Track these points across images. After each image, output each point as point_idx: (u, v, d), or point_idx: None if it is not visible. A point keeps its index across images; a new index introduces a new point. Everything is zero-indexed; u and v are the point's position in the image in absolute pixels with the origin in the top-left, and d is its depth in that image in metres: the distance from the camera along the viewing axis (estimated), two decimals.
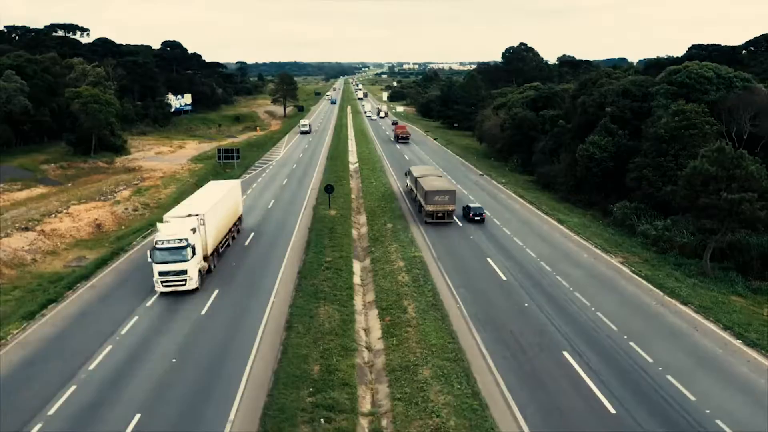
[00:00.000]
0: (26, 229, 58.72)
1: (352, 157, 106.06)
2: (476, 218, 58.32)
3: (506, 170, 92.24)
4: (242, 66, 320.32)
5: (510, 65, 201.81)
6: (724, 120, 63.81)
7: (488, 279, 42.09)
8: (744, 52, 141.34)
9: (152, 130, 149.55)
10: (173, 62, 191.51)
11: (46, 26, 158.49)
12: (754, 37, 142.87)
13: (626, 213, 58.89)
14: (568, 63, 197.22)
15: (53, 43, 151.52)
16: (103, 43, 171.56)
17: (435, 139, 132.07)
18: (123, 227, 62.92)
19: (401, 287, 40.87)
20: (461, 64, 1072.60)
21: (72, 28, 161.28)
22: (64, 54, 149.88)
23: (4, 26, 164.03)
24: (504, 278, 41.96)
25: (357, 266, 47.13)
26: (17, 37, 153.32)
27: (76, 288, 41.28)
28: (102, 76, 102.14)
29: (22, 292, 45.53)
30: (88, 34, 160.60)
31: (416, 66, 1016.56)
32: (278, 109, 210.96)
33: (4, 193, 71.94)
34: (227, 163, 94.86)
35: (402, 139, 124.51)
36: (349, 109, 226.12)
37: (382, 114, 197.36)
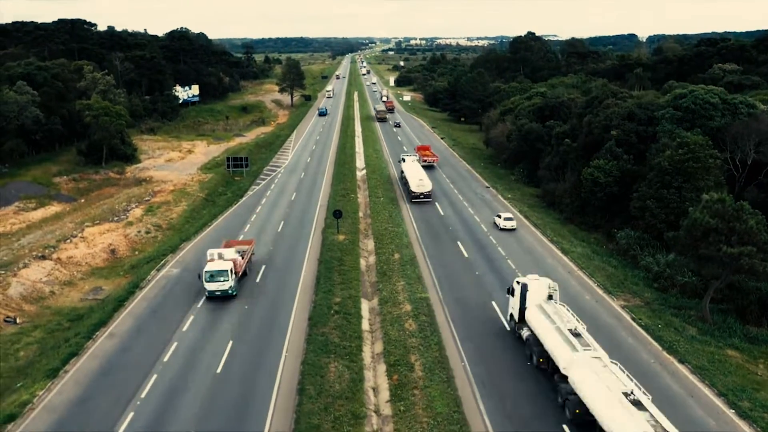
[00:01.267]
0: (43, 257, 60.41)
1: (359, 162, 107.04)
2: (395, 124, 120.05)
3: (512, 180, 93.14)
4: (248, 50, 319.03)
5: (517, 54, 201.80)
6: (728, 147, 64.63)
7: (492, 328, 43.51)
8: (753, 50, 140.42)
9: (160, 124, 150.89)
10: (180, 53, 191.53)
11: (54, 21, 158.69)
12: (764, 34, 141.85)
13: (630, 243, 60.00)
14: (575, 54, 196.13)
15: (62, 39, 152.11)
16: (110, 36, 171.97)
17: (442, 138, 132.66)
18: (136, 252, 64.58)
19: (408, 338, 42.36)
20: (468, 39, 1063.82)
21: (80, 23, 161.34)
22: (72, 50, 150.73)
23: (12, 21, 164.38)
24: (508, 328, 43.31)
25: (365, 307, 48.59)
26: (25, 34, 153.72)
27: (95, 337, 42.85)
28: (111, 84, 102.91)
29: (43, 332, 47.41)
30: (95, 28, 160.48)
31: (423, 42, 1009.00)
32: (285, 98, 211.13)
33: (20, 213, 73.60)
34: (236, 171, 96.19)
35: (389, 110, 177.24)
36: (356, 95, 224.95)
37: (384, 98, 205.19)
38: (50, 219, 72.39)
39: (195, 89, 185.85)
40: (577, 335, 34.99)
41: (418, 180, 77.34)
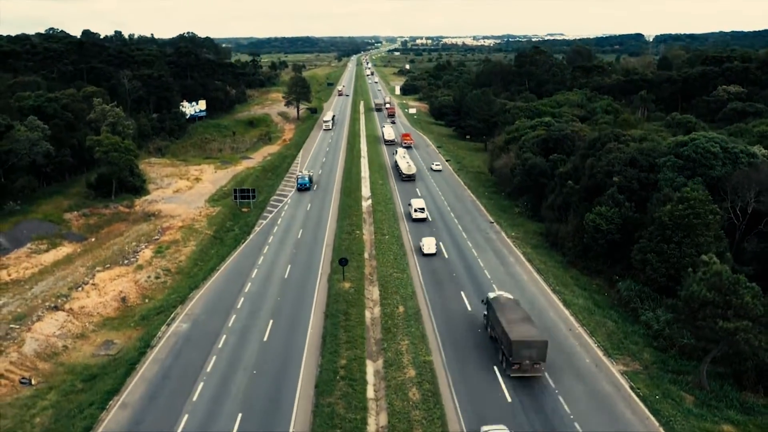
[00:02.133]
0: (56, 308, 61.98)
1: (365, 190, 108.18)
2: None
3: (515, 213, 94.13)
4: (254, 57, 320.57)
5: (522, 68, 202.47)
6: (728, 196, 65.52)
7: (494, 398, 44.65)
8: (758, 71, 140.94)
9: (168, 143, 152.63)
10: (187, 68, 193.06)
11: (63, 42, 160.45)
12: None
13: (630, 295, 61.01)
14: (580, 68, 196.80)
15: (71, 59, 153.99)
16: (119, 53, 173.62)
17: (447, 161, 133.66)
18: (147, 299, 66.01)
19: (412, 409, 43.54)
20: (474, 38, 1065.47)
21: (88, 43, 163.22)
22: (81, 71, 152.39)
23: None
24: (509, 399, 44.46)
25: (370, 370, 49.80)
26: (34, 55, 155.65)
27: (109, 407, 44.21)
28: (121, 116, 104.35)
29: (57, 394, 48.86)
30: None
31: (429, 41, 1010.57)
32: (291, 111, 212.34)
33: (32, 255, 75.12)
34: (244, 203, 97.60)
35: (390, 116, 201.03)
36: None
37: (387, 105, 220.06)
38: (62, 262, 73.91)
39: (202, 104, 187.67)
40: (404, 156, 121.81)
41: (387, 134, 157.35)
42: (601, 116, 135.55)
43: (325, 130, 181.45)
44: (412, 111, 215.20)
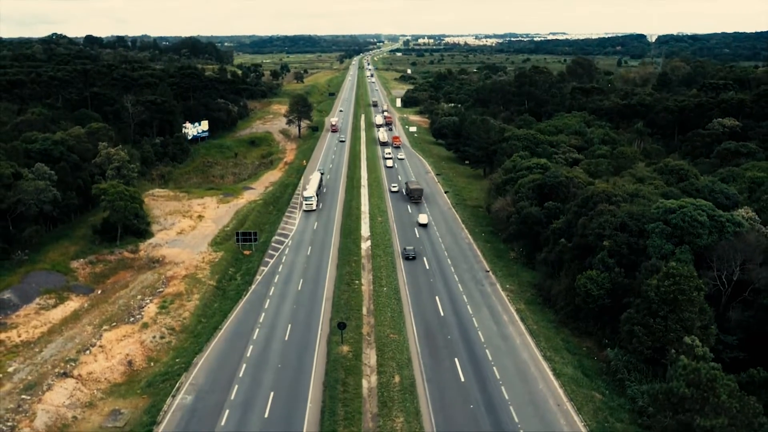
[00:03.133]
0: (65, 374, 64.42)
1: (365, 228, 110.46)
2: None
3: (511, 260, 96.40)
4: (257, 67, 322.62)
5: (521, 88, 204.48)
6: (714, 264, 67.75)
7: None
8: (753, 105, 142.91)
9: (171, 169, 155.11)
10: (190, 89, 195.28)
11: (68, 71, 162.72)
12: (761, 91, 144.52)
13: (618, 366, 63.27)
14: (579, 89, 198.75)
15: (77, 86, 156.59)
16: (122, 77, 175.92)
17: (446, 192, 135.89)
18: (152, 362, 68.40)
19: None
20: (476, 37, 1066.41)
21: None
22: (85, 99, 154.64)
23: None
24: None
25: None
26: (39, 84, 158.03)
27: None
28: (125, 159, 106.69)
29: None
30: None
31: (431, 40, 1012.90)
32: (293, 128, 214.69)
33: (40, 312, 77.56)
34: (245, 246, 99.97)
35: (388, 124, 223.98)
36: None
37: (386, 114, 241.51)
38: (70, 319, 76.32)
39: (204, 125, 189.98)
40: (383, 133, 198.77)
41: (377, 123, 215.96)
42: (597, 147, 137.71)
43: (306, 211, 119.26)
44: (413, 129, 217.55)
